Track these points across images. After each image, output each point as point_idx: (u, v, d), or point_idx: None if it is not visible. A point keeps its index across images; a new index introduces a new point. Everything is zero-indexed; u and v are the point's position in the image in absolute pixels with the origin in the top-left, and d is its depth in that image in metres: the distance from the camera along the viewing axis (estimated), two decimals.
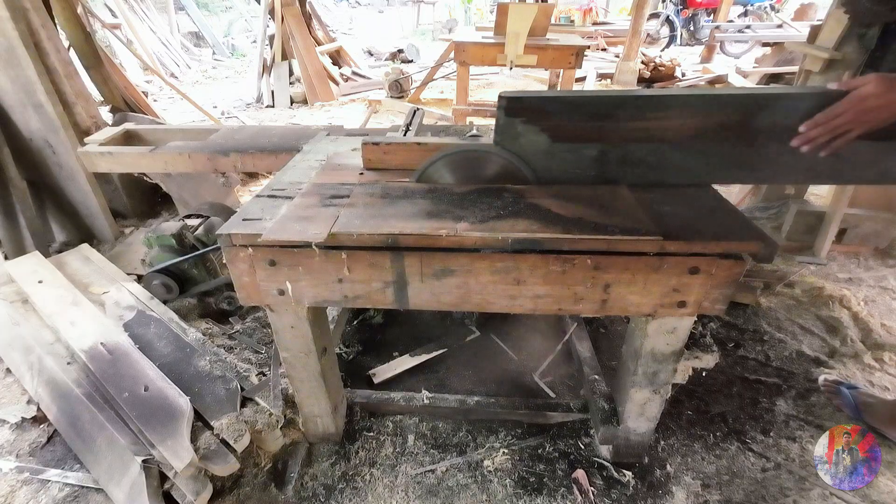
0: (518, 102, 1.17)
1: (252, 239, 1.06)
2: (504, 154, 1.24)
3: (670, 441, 1.58)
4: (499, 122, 1.20)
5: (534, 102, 1.18)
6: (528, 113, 1.18)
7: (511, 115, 1.19)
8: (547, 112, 1.18)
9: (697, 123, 1.16)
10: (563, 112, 1.18)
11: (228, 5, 11.29)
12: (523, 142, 1.22)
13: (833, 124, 1.02)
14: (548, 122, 1.19)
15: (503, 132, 1.21)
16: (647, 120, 1.16)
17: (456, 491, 1.43)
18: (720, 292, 1.07)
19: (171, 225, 2.12)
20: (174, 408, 1.42)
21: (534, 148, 1.22)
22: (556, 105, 1.18)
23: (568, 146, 1.22)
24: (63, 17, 2.68)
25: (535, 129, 1.20)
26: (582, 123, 1.18)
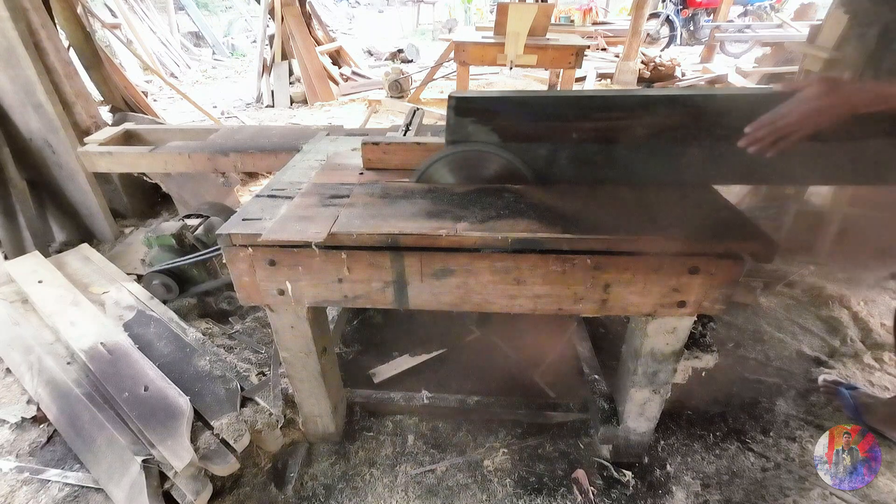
0: (466, 102, 1.19)
1: (252, 239, 1.06)
2: (504, 154, 1.24)
3: (670, 441, 1.58)
4: (449, 122, 1.21)
5: (482, 102, 1.20)
6: (476, 113, 1.20)
7: (461, 115, 1.20)
8: (495, 112, 1.20)
9: (642, 123, 1.17)
10: (511, 112, 1.20)
11: (228, 5, 11.29)
12: (473, 141, 1.23)
13: (778, 125, 1.02)
14: (497, 121, 1.20)
15: (454, 132, 1.22)
16: (593, 120, 1.18)
17: (456, 491, 1.43)
18: (720, 292, 1.07)
19: (170, 225, 2.12)
20: (174, 408, 1.42)
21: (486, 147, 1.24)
22: (503, 105, 1.20)
23: (519, 145, 1.23)
24: (63, 16, 2.68)
25: (486, 129, 1.21)
26: (530, 123, 1.20)
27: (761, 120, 1.04)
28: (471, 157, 1.27)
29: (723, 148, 1.16)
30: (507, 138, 1.22)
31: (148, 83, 6.60)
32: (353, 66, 6.75)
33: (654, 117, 1.17)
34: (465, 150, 1.26)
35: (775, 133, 1.03)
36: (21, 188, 2.40)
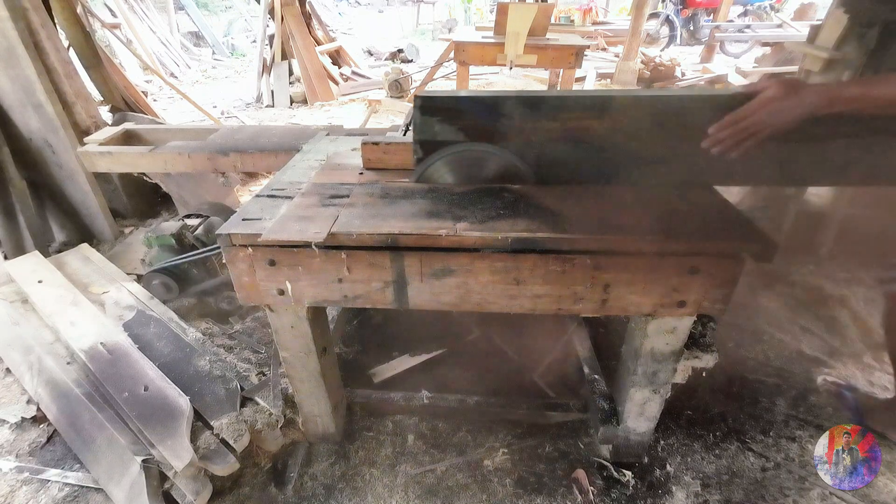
0: (432, 102, 1.19)
1: (252, 239, 1.06)
2: (504, 154, 1.24)
3: (670, 441, 1.58)
4: (415, 121, 1.22)
5: (447, 102, 1.20)
6: (442, 112, 1.20)
7: (426, 115, 1.21)
8: (461, 111, 1.20)
9: (607, 124, 1.18)
10: (476, 111, 1.20)
11: (228, 5, 11.29)
12: (441, 140, 1.23)
13: (739, 127, 1.04)
14: (463, 121, 1.21)
15: (420, 131, 1.23)
16: (558, 120, 1.19)
17: (456, 491, 1.43)
18: (720, 292, 1.07)
19: (170, 225, 2.12)
20: (174, 407, 1.42)
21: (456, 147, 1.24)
22: (468, 105, 1.20)
23: (486, 145, 1.23)
24: (63, 16, 2.67)
25: (452, 128, 1.22)
26: (496, 123, 1.21)
27: (723, 121, 1.06)
28: (470, 156, 1.27)
29: (687, 148, 1.17)
30: (473, 137, 1.23)
31: (148, 83, 6.60)
32: (353, 66, 6.76)
33: (619, 118, 1.18)
34: (465, 149, 1.26)
35: (737, 134, 1.05)
36: (21, 188, 2.40)
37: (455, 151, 1.26)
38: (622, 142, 1.20)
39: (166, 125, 2.96)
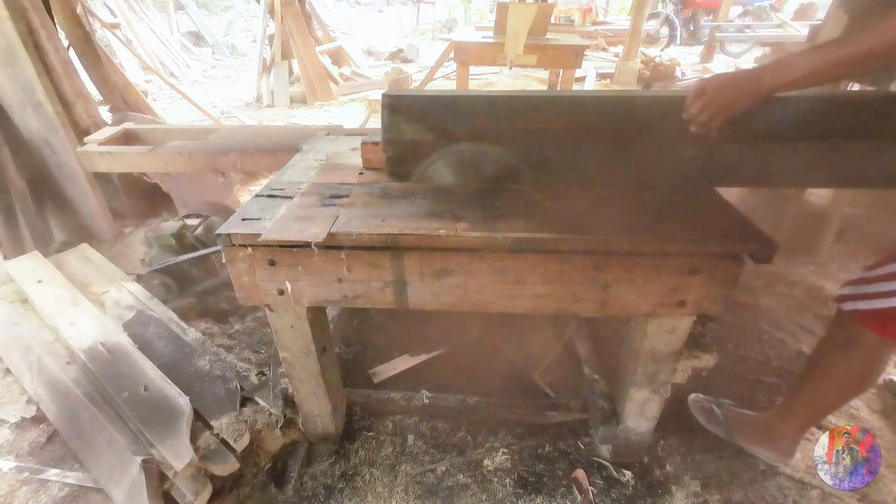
0: (399, 101, 1.21)
1: (251, 239, 1.06)
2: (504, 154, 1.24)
3: (670, 441, 1.58)
4: (384, 120, 1.23)
5: (414, 101, 1.21)
6: (409, 112, 1.22)
7: (394, 114, 1.22)
8: (428, 111, 1.21)
9: (568, 124, 1.20)
10: (443, 111, 1.22)
11: (228, 5, 11.29)
12: (408, 139, 1.25)
13: (700, 104, 1.08)
14: (431, 120, 1.22)
15: (388, 130, 1.24)
16: (524, 120, 1.20)
17: (456, 490, 1.43)
18: (719, 292, 1.07)
19: (170, 225, 2.12)
20: (174, 407, 1.42)
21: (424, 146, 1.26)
22: (435, 104, 1.22)
23: (455, 144, 1.25)
24: (62, 16, 2.67)
25: (420, 128, 1.23)
26: (464, 122, 1.22)
27: (688, 97, 1.11)
28: (470, 156, 1.27)
29: (644, 148, 1.21)
30: (442, 137, 1.24)
31: (148, 83, 6.60)
32: (353, 66, 6.76)
33: (579, 119, 1.20)
34: (465, 149, 1.26)
35: (704, 110, 1.08)
36: (21, 188, 2.40)
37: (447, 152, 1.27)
38: (587, 141, 1.23)
39: (166, 125, 2.96)
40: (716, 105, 1.07)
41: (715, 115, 1.08)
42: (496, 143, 1.24)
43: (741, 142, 1.19)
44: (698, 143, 1.18)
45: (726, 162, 1.23)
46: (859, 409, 1.71)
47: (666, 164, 1.22)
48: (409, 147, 1.27)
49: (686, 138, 1.17)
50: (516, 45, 3.33)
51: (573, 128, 1.21)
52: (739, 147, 1.20)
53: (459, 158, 1.27)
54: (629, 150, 1.22)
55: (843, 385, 1.30)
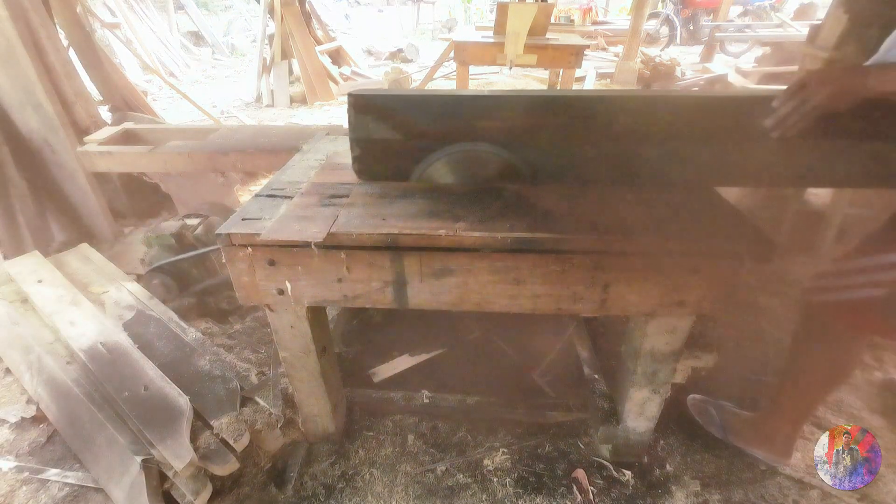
0: (365, 101, 1.21)
1: (251, 238, 1.06)
2: (504, 154, 1.24)
3: (670, 440, 1.58)
4: (350, 120, 1.23)
5: (380, 101, 1.22)
6: (375, 111, 1.22)
7: (360, 113, 1.22)
8: (394, 110, 1.22)
9: (536, 122, 1.21)
10: (410, 110, 1.22)
11: (228, 5, 11.29)
12: (376, 138, 1.25)
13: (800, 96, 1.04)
14: (396, 119, 1.22)
15: (355, 129, 1.25)
16: (491, 119, 1.21)
17: (455, 490, 1.43)
18: (720, 292, 1.07)
19: (170, 224, 2.12)
20: (174, 407, 1.42)
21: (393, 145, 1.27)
22: (402, 104, 1.22)
23: (423, 143, 1.26)
24: (62, 16, 2.68)
25: (386, 127, 1.23)
26: (431, 122, 1.23)
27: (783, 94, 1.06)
28: (470, 156, 1.27)
29: (616, 148, 1.22)
30: (408, 136, 1.25)
31: (148, 83, 6.60)
32: (353, 66, 6.75)
33: (554, 118, 1.21)
34: (464, 149, 1.26)
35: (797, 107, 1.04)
36: (21, 188, 2.40)
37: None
38: (555, 139, 1.23)
39: (166, 125, 2.96)
40: (815, 101, 1.02)
41: (811, 111, 1.03)
42: (464, 142, 1.25)
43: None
44: (659, 142, 1.20)
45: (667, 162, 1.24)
46: (859, 408, 1.70)
47: (633, 163, 1.24)
48: (377, 146, 1.27)
49: (652, 136, 1.19)
50: (516, 45, 3.32)
51: (542, 126, 1.23)
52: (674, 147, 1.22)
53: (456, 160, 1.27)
54: (599, 148, 1.24)
55: (819, 377, 1.31)
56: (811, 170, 1.22)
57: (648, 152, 1.22)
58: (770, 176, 1.25)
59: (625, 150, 1.22)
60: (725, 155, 1.21)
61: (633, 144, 1.21)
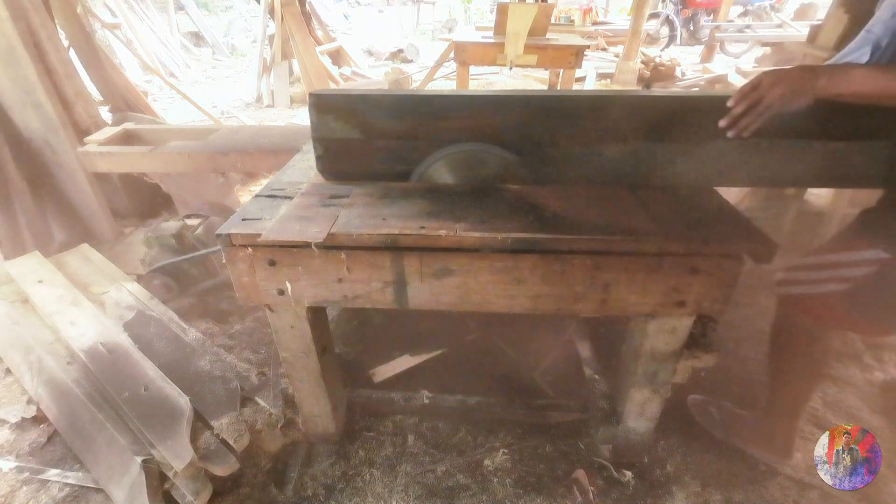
0: (325, 100, 1.22)
1: (251, 239, 1.06)
2: (504, 154, 1.24)
3: (670, 441, 1.58)
4: (312, 119, 1.24)
5: (340, 101, 1.23)
6: (335, 110, 1.23)
7: (321, 113, 1.23)
8: (355, 110, 1.23)
9: (495, 122, 1.23)
10: (371, 110, 1.23)
11: (228, 5, 11.29)
12: (338, 137, 1.26)
13: (753, 96, 1.05)
14: (358, 119, 1.23)
15: (317, 128, 1.25)
16: (449, 119, 1.22)
17: (456, 491, 1.43)
18: (720, 292, 1.07)
19: (171, 225, 2.12)
20: (174, 408, 1.42)
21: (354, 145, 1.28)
22: (363, 103, 1.23)
23: (384, 142, 1.27)
24: (63, 16, 2.68)
25: (347, 126, 1.24)
26: (391, 121, 1.24)
27: (737, 93, 1.08)
28: (470, 157, 1.27)
29: (578, 148, 1.24)
30: (370, 136, 1.26)
31: (148, 83, 6.60)
32: (354, 66, 6.75)
33: (511, 117, 1.22)
34: (464, 149, 1.26)
35: (753, 105, 1.06)
36: (21, 188, 2.40)
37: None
38: (516, 139, 1.25)
39: (166, 125, 2.96)
40: (768, 101, 1.04)
41: (764, 111, 1.05)
42: (426, 141, 1.27)
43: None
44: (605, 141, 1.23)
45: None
46: (860, 408, 1.71)
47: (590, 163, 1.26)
48: (339, 146, 1.28)
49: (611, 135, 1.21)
50: (516, 45, 3.32)
51: (503, 126, 1.24)
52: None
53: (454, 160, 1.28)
54: (559, 148, 1.26)
55: (796, 372, 1.32)
56: (766, 169, 1.24)
57: (610, 150, 1.24)
58: (728, 176, 1.27)
59: (588, 150, 1.25)
60: (676, 154, 1.23)
61: (597, 143, 1.24)
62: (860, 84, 0.98)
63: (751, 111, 1.06)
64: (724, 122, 1.09)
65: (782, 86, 1.02)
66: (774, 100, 1.03)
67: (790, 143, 1.20)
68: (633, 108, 1.21)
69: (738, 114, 1.08)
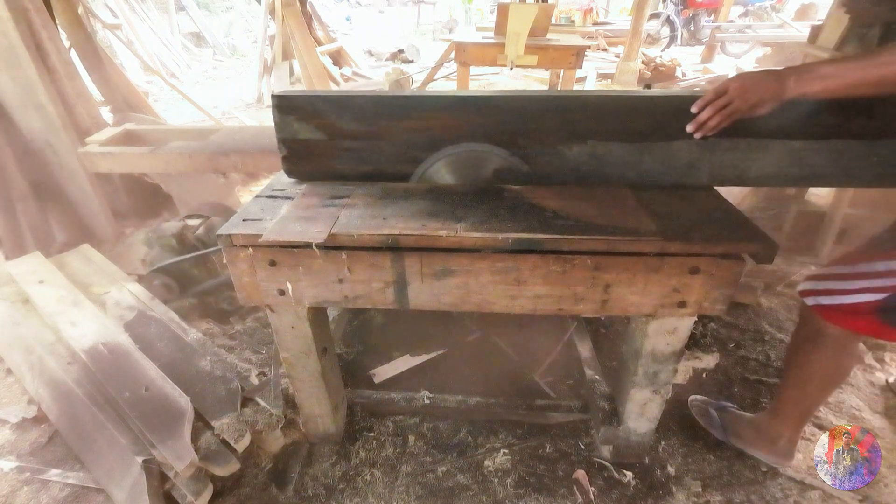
0: (287, 101, 1.23)
1: (252, 239, 1.06)
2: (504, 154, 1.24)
3: (671, 441, 1.58)
4: (275, 120, 1.26)
5: (301, 101, 1.23)
6: (298, 111, 1.24)
7: (283, 113, 1.24)
8: (317, 111, 1.23)
9: (455, 123, 1.24)
10: (333, 110, 1.24)
11: (229, 6, 11.29)
12: (302, 138, 1.27)
13: (719, 103, 1.07)
14: (320, 120, 1.24)
15: (280, 129, 1.27)
16: (412, 119, 1.24)
17: (456, 491, 1.43)
18: (720, 292, 1.07)
19: (171, 225, 2.12)
20: (175, 408, 1.42)
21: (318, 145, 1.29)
22: (325, 104, 1.23)
23: (347, 143, 1.27)
24: (64, 17, 2.68)
25: (309, 126, 1.25)
26: (353, 122, 1.25)
27: (701, 100, 1.10)
28: (471, 157, 1.27)
29: (539, 148, 1.26)
30: (332, 136, 1.26)
31: (149, 84, 6.61)
32: (354, 67, 6.76)
33: (471, 117, 1.23)
34: (465, 150, 1.26)
35: (716, 111, 1.08)
36: (22, 188, 2.40)
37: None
38: (477, 140, 1.26)
39: (167, 126, 2.97)
40: (735, 106, 1.05)
41: (730, 115, 1.07)
42: (388, 141, 1.28)
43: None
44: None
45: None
46: (861, 409, 1.70)
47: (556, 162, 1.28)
48: (303, 146, 1.29)
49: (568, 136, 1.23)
50: (517, 46, 3.32)
51: (463, 126, 1.25)
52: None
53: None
54: (520, 149, 1.27)
55: (816, 378, 1.31)
56: (725, 168, 1.25)
57: (571, 151, 1.26)
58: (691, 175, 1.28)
59: (547, 150, 1.26)
60: (643, 155, 1.25)
61: (558, 143, 1.25)
62: (830, 79, 0.98)
63: (716, 116, 1.08)
64: (690, 128, 1.13)
65: (748, 93, 1.03)
66: (740, 106, 1.05)
67: (761, 142, 1.22)
68: (594, 108, 1.22)
69: (703, 120, 1.10)
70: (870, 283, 1.09)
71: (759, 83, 1.03)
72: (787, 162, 1.23)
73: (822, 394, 1.36)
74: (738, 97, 1.04)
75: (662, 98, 1.21)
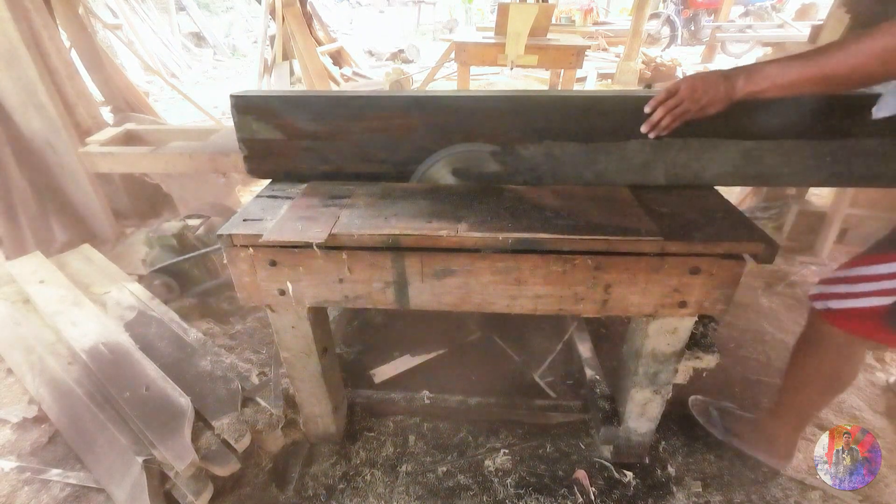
0: (245, 101, 1.24)
1: (253, 239, 1.06)
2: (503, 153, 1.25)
3: (671, 441, 1.58)
4: (234, 121, 1.27)
5: (260, 101, 1.24)
6: (256, 111, 1.24)
7: (242, 113, 1.25)
8: (274, 111, 1.24)
9: (409, 123, 1.25)
10: (290, 110, 1.24)
11: (229, 6, 11.29)
12: (260, 138, 1.28)
13: (670, 104, 1.08)
14: (278, 119, 1.25)
15: (240, 129, 1.28)
16: (368, 119, 1.24)
17: (456, 491, 1.43)
18: (721, 292, 1.07)
19: (172, 225, 2.12)
20: (175, 408, 1.42)
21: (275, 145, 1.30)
22: (280, 104, 1.24)
23: (305, 143, 1.28)
24: (64, 17, 2.68)
25: (269, 126, 1.26)
26: (311, 122, 1.25)
27: (653, 101, 1.11)
28: (471, 157, 1.27)
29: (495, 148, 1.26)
30: (290, 136, 1.27)
31: (149, 84, 6.61)
32: (354, 67, 6.76)
33: (425, 117, 1.24)
34: (465, 150, 1.26)
35: (667, 112, 1.09)
36: (23, 188, 2.40)
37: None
38: (434, 139, 1.27)
39: (167, 126, 2.96)
40: (685, 106, 1.07)
41: (681, 115, 1.08)
42: (346, 141, 1.28)
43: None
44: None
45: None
46: (861, 409, 1.70)
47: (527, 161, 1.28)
48: (263, 146, 1.30)
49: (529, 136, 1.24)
50: (517, 46, 3.32)
51: (419, 127, 1.25)
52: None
53: None
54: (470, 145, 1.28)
55: (820, 382, 1.31)
56: (679, 168, 1.26)
57: (526, 151, 1.27)
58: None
59: (503, 150, 1.27)
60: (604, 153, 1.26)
61: (514, 143, 1.25)
62: (777, 78, 0.98)
63: (667, 116, 1.09)
64: (644, 128, 1.14)
65: (698, 93, 1.04)
66: (690, 107, 1.06)
67: (711, 142, 1.23)
68: (548, 108, 1.23)
69: (656, 121, 1.11)
70: (877, 286, 1.08)
71: (709, 84, 1.03)
72: (742, 161, 1.24)
73: (823, 398, 1.36)
74: (688, 98, 1.05)
75: (616, 98, 1.22)
